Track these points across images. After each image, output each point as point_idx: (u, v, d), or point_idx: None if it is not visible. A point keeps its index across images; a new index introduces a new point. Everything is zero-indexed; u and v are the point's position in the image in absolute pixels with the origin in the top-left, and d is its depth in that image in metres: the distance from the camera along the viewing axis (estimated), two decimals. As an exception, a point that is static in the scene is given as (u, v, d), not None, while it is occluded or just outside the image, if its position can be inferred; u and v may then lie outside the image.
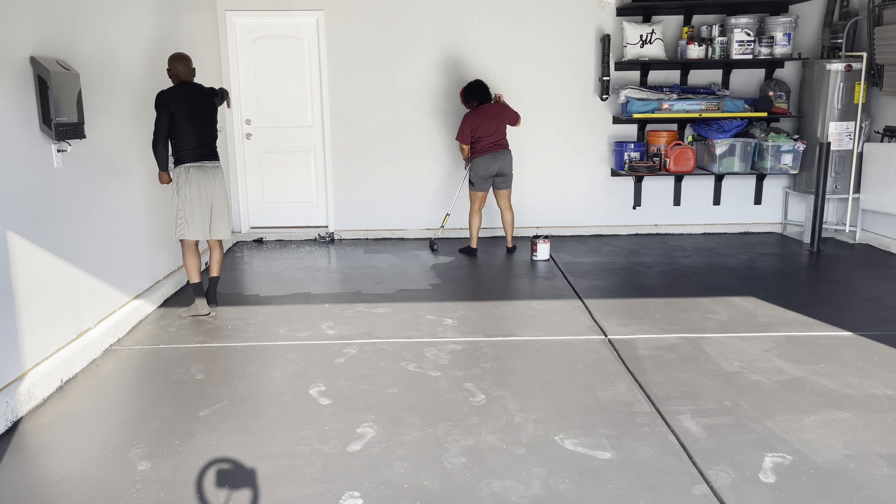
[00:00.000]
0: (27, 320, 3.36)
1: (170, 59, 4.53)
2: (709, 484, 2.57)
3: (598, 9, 6.63)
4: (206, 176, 4.49)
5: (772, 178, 6.96)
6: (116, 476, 2.68)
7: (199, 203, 4.47)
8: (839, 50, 6.42)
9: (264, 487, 2.60)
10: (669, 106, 6.45)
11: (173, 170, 4.46)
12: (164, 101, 4.34)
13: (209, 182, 4.50)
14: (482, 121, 5.98)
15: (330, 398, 3.34)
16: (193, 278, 4.61)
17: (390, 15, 6.68)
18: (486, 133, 6.00)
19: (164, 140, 4.37)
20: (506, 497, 2.51)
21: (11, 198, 3.27)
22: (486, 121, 5.99)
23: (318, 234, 7.08)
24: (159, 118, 4.33)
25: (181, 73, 4.51)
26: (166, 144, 4.41)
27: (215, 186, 4.55)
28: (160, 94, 4.37)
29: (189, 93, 4.47)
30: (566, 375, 3.58)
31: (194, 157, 4.45)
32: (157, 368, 3.78)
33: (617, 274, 5.59)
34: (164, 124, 4.33)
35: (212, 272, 4.72)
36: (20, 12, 3.39)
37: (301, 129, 6.97)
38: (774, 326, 4.24)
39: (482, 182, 6.13)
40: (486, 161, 6.04)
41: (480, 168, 6.06)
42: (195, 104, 4.47)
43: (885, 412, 3.11)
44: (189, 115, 4.39)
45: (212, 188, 4.52)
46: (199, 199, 4.47)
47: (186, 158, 4.44)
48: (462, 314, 4.59)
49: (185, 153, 4.44)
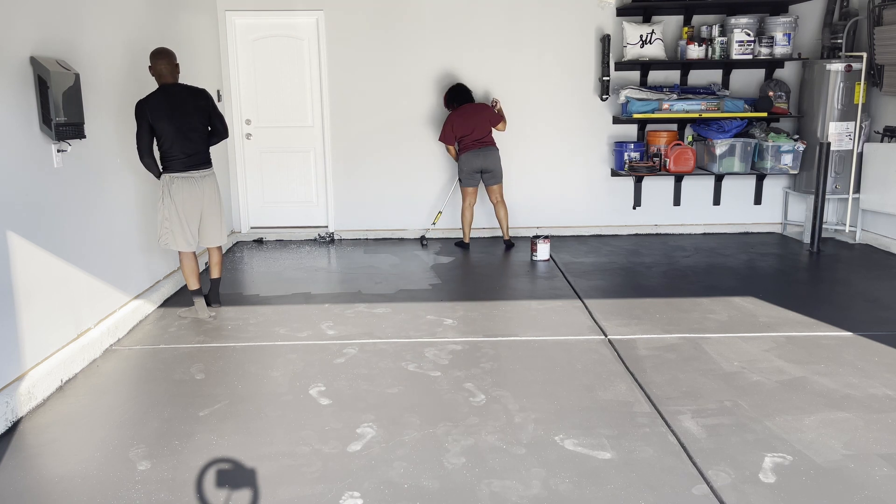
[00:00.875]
0: (27, 320, 3.36)
1: (151, 56, 4.28)
2: (709, 484, 2.57)
3: (598, 9, 6.63)
4: (193, 186, 4.35)
5: (772, 178, 6.96)
6: (116, 476, 2.68)
7: (184, 215, 4.35)
8: (839, 50, 6.42)
9: (264, 487, 2.60)
10: (669, 106, 6.45)
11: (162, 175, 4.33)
12: (142, 112, 4.15)
13: (196, 192, 4.37)
14: (460, 120, 6.27)
15: (330, 398, 3.34)
16: (191, 285, 4.57)
17: (390, 15, 6.68)
18: (467, 131, 6.27)
19: (147, 152, 4.21)
20: (506, 497, 2.51)
21: (11, 198, 3.27)
22: (464, 120, 6.26)
23: (318, 234, 7.08)
24: (139, 130, 4.17)
25: (163, 72, 4.26)
26: (151, 155, 4.25)
27: (205, 195, 4.42)
28: (138, 104, 4.18)
29: (169, 99, 4.23)
30: (566, 375, 3.58)
31: (181, 167, 4.30)
32: (157, 368, 3.78)
33: (617, 274, 5.59)
34: (144, 136, 4.16)
35: (212, 274, 4.71)
36: (20, 12, 3.39)
37: (301, 129, 6.97)
38: (774, 326, 4.24)
39: (468, 178, 6.39)
40: (469, 157, 6.30)
41: (465, 164, 6.33)
42: (176, 111, 4.22)
43: (885, 412, 3.11)
44: (170, 125, 4.19)
45: (200, 197, 4.40)
46: (185, 211, 4.35)
47: (172, 168, 4.30)
48: (462, 314, 4.59)
49: (171, 163, 4.29)
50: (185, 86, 4.41)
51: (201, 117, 4.38)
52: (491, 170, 6.34)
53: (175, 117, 4.23)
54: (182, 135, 4.27)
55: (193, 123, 4.32)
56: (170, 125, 4.21)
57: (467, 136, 6.26)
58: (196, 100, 4.38)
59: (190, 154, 4.32)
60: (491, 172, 6.36)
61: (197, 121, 4.34)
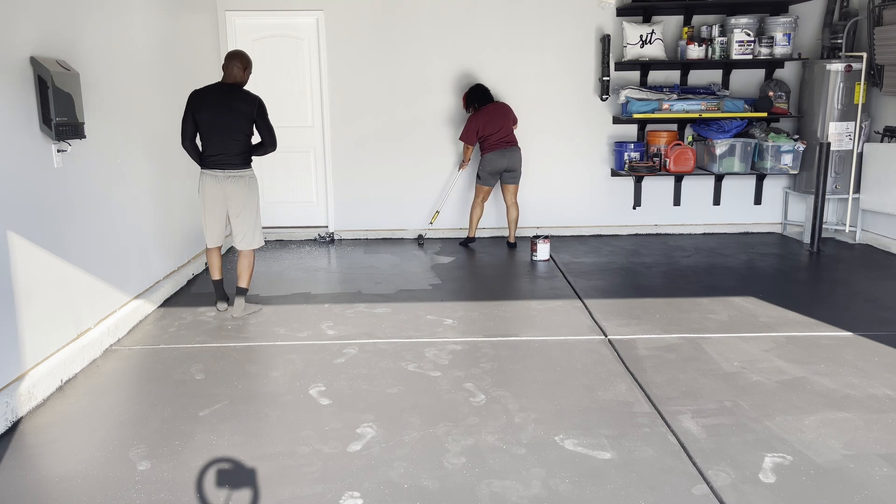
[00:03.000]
0: (27, 320, 3.35)
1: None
2: (709, 484, 2.57)
3: (598, 9, 6.63)
4: (215, 185, 4.40)
5: (772, 178, 6.96)
6: (116, 476, 2.68)
7: (208, 211, 4.47)
8: (839, 50, 6.42)
9: (264, 487, 2.60)
10: (669, 106, 6.45)
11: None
12: (189, 100, 4.36)
13: (218, 191, 4.41)
14: (487, 120, 6.20)
15: (330, 398, 3.34)
16: (212, 276, 4.74)
17: (390, 15, 6.68)
18: (493, 131, 6.22)
19: (187, 137, 4.36)
20: (506, 497, 2.51)
21: (11, 198, 3.27)
22: (490, 120, 6.21)
23: (318, 234, 7.08)
24: (183, 116, 4.36)
25: (225, 70, 4.43)
26: (192, 142, 4.39)
27: (228, 197, 4.42)
28: (191, 93, 4.39)
29: (215, 95, 4.33)
30: (566, 375, 3.58)
31: (208, 163, 4.38)
32: (157, 368, 3.78)
33: (617, 274, 5.59)
34: (186, 123, 4.34)
35: (238, 281, 4.67)
36: (20, 12, 3.39)
37: (301, 129, 6.97)
38: (774, 326, 4.24)
39: (489, 177, 6.35)
40: (494, 157, 6.26)
41: (489, 164, 6.28)
42: (217, 108, 4.30)
43: (885, 412, 3.11)
44: (207, 119, 4.30)
45: (222, 197, 4.42)
46: (208, 208, 4.46)
47: (203, 163, 4.42)
48: (462, 314, 4.59)
49: (204, 158, 4.40)
50: (240, 88, 4.44)
51: (241, 121, 4.34)
52: (514, 169, 6.34)
53: (213, 112, 4.31)
54: (216, 131, 4.32)
55: (230, 124, 4.31)
56: (206, 119, 4.31)
57: (494, 135, 6.22)
58: (241, 103, 4.35)
59: (219, 152, 4.35)
60: (514, 172, 6.35)
61: (234, 122, 4.32)
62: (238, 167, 4.41)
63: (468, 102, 6.37)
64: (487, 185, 6.37)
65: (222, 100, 4.33)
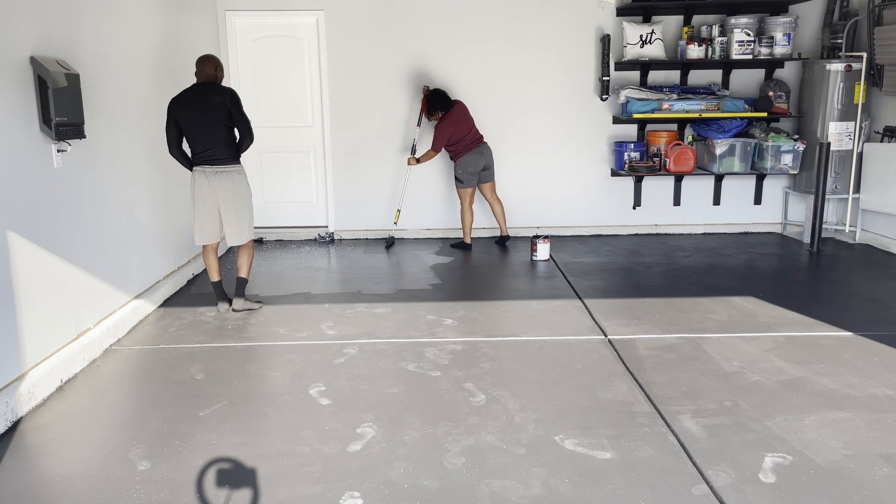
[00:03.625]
0: (27, 320, 3.35)
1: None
2: (709, 484, 2.57)
3: (598, 9, 6.63)
4: (206, 181, 4.45)
5: (772, 178, 6.95)
6: (116, 476, 2.68)
7: (200, 208, 4.51)
8: (839, 50, 6.42)
9: (264, 487, 2.60)
10: (669, 106, 6.45)
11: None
12: (168, 108, 4.43)
13: (208, 187, 4.46)
14: (457, 125, 6.22)
15: (330, 398, 3.34)
16: (210, 277, 4.75)
17: (390, 15, 6.68)
18: (465, 132, 6.26)
19: (173, 144, 4.44)
20: (506, 497, 2.51)
21: (11, 198, 3.27)
22: (459, 123, 6.24)
23: (318, 234, 7.08)
24: (166, 124, 4.43)
25: (197, 72, 4.52)
26: (178, 147, 4.47)
27: (218, 192, 4.47)
28: (169, 101, 4.45)
29: (190, 95, 4.44)
30: (566, 375, 3.58)
31: (197, 160, 4.46)
32: (157, 368, 3.78)
33: (617, 274, 5.59)
34: (169, 130, 4.42)
35: (237, 272, 4.75)
36: (20, 13, 3.39)
37: (301, 129, 6.97)
38: (774, 326, 4.24)
39: (471, 178, 6.36)
40: (473, 157, 6.29)
41: (469, 164, 6.29)
42: (194, 106, 4.39)
43: (885, 412, 3.11)
44: (187, 119, 4.38)
45: (212, 193, 4.47)
46: (201, 205, 4.50)
47: (193, 162, 4.50)
48: (462, 314, 4.58)
49: (193, 157, 4.49)
50: (212, 84, 4.50)
51: (219, 113, 4.40)
52: (490, 166, 6.40)
53: (192, 110, 4.38)
54: (198, 127, 4.40)
55: (209, 116, 4.39)
56: (187, 119, 4.38)
57: (465, 137, 6.25)
58: (215, 95, 4.43)
59: (206, 148, 4.42)
60: (490, 169, 6.41)
61: (212, 114, 4.39)
62: (226, 162, 4.46)
63: (431, 110, 6.25)
64: (470, 186, 6.35)
65: (199, 97, 4.43)
